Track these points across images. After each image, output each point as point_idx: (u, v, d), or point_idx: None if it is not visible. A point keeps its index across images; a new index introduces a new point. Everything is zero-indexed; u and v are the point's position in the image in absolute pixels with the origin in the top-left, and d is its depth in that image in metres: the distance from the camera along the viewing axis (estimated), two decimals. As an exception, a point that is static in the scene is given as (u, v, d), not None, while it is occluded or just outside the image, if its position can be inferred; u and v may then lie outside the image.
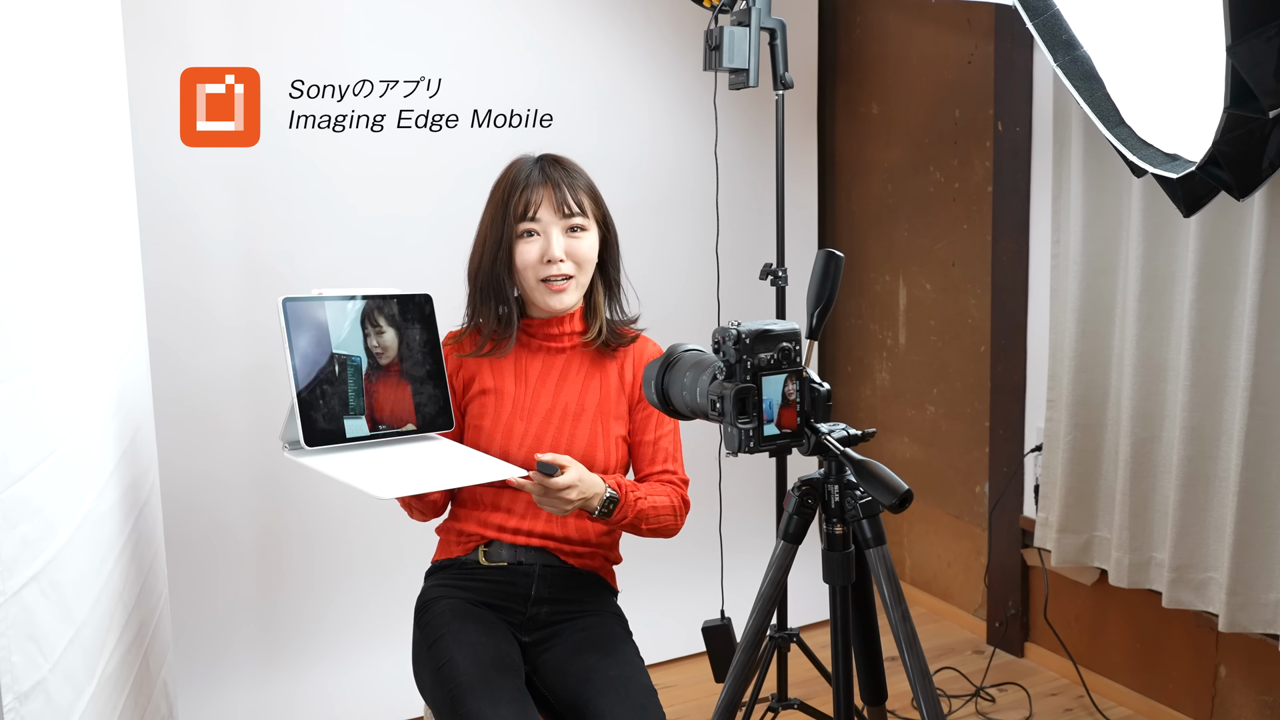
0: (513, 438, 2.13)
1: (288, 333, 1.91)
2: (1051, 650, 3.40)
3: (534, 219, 2.10)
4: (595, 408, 2.17)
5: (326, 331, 1.95)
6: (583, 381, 2.19)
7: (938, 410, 3.76)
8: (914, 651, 1.69)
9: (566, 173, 2.14)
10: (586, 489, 1.98)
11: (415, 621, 2.20)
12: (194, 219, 2.98)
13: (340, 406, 1.95)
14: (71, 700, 1.66)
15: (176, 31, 2.89)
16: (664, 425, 2.21)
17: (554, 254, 2.09)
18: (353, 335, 1.98)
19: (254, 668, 3.16)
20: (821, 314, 1.65)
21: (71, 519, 1.70)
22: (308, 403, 1.92)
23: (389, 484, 1.86)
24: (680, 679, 3.38)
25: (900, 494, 1.50)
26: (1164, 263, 2.80)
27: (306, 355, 1.92)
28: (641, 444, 2.20)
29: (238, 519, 3.13)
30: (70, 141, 1.83)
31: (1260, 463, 2.60)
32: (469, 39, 3.25)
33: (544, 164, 2.14)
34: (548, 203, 2.10)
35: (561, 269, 2.10)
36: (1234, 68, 1.90)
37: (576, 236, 2.12)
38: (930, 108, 3.64)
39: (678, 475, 2.20)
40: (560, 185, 2.11)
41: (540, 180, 2.11)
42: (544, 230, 2.10)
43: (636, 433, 2.21)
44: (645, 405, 2.20)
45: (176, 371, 2.97)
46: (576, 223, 2.11)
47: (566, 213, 2.10)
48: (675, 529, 2.17)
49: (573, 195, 2.11)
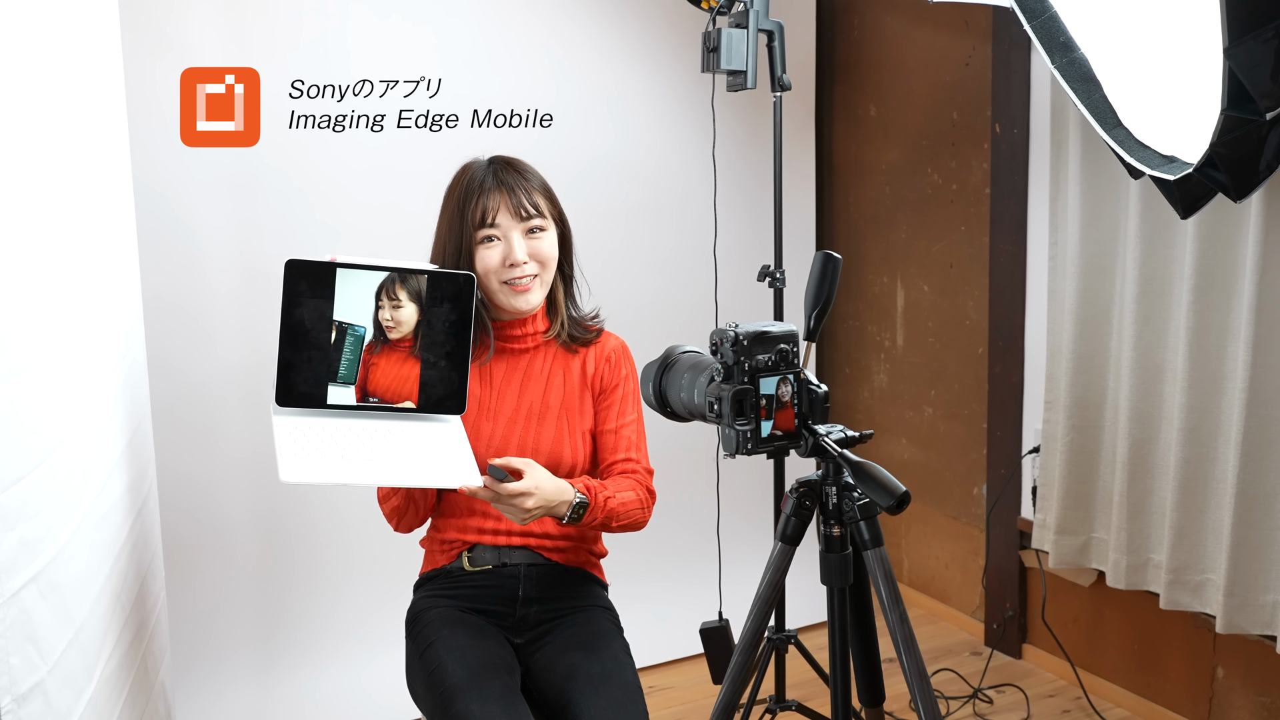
0: (479, 439, 2.12)
1: (284, 294, 1.89)
2: (1049, 652, 3.40)
3: (493, 225, 2.09)
4: (560, 405, 2.17)
5: (331, 298, 1.93)
6: (546, 380, 2.19)
7: (935, 412, 3.76)
8: (912, 653, 1.69)
9: (520, 175, 2.14)
10: (549, 495, 1.96)
11: (407, 634, 2.20)
12: (193, 220, 2.98)
13: (326, 372, 1.93)
14: (70, 702, 1.66)
15: (175, 31, 2.89)
16: (626, 415, 2.21)
17: (517, 257, 2.09)
18: (361, 305, 1.96)
19: (252, 670, 3.16)
20: (819, 315, 1.66)
21: (70, 521, 1.70)
22: (289, 363, 1.90)
23: (300, 467, 1.82)
24: (678, 680, 3.38)
25: (898, 495, 1.51)
26: (1161, 264, 2.80)
27: (300, 318, 1.91)
28: (603, 433, 2.20)
29: (236, 521, 3.13)
30: (68, 142, 1.83)
31: (1258, 464, 2.60)
32: (469, 39, 3.25)
33: (496, 168, 2.14)
34: (505, 208, 2.09)
35: (525, 270, 2.10)
36: (1231, 70, 1.90)
37: (537, 237, 2.12)
38: (928, 110, 3.65)
39: (641, 465, 2.19)
40: (515, 189, 2.11)
41: (495, 185, 2.11)
42: (504, 235, 2.10)
43: (599, 422, 2.21)
44: (608, 395, 2.20)
45: (175, 373, 2.97)
46: (535, 224, 2.11)
47: (524, 215, 2.10)
48: (643, 522, 2.15)
49: (528, 198, 2.11)
